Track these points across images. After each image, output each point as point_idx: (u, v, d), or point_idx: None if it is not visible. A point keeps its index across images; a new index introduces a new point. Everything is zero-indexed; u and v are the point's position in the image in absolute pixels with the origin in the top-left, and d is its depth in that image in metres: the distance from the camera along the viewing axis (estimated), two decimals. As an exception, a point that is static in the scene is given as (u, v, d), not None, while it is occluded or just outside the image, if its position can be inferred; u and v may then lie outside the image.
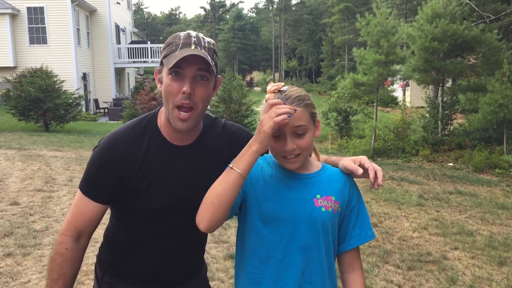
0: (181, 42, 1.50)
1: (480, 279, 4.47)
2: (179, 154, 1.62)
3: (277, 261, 1.50)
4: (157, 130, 1.62)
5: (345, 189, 1.55)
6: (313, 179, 1.54)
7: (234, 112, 15.16)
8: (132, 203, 1.61)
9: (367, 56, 13.79)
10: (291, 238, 1.49)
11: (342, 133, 17.06)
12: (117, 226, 1.73)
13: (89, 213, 1.60)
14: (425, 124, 14.64)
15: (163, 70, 1.54)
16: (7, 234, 5.01)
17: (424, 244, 5.45)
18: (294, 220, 1.48)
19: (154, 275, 1.71)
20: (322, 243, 1.51)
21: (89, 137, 14.79)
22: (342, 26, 48.15)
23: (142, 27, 68.75)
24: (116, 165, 1.56)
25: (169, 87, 1.50)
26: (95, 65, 26.17)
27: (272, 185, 1.52)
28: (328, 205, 1.51)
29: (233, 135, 1.73)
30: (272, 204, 1.49)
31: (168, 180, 1.60)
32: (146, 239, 1.67)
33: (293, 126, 1.43)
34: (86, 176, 1.61)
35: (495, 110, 11.14)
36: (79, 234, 1.61)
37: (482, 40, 12.64)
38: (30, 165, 8.95)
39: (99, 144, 1.62)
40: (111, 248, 1.75)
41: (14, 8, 21.86)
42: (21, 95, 15.40)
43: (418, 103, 22.55)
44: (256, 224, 1.51)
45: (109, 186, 1.58)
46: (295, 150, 1.46)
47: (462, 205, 7.39)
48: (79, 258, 1.63)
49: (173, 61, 1.45)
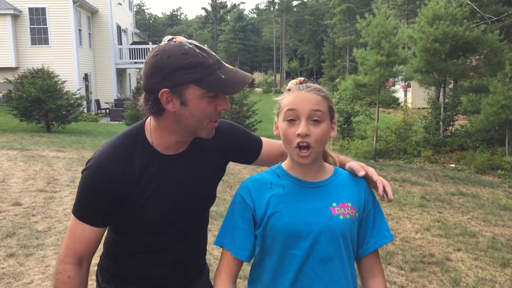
0: (214, 62, 1.44)
1: (484, 281, 4.45)
2: (173, 163, 1.58)
3: (300, 275, 1.46)
4: (146, 143, 1.55)
5: (360, 193, 1.52)
6: (327, 186, 1.51)
7: (235, 113, 15.16)
8: (131, 220, 1.57)
9: (368, 57, 13.79)
10: (312, 251, 1.45)
11: (344, 134, 17.05)
12: (116, 240, 1.68)
13: (87, 238, 1.54)
14: (427, 125, 14.64)
15: (188, 92, 1.43)
16: (9, 234, 5.01)
17: (426, 245, 5.44)
18: (312, 232, 1.44)
19: (158, 283, 1.69)
20: (344, 252, 1.47)
21: (91, 137, 14.80)
22: (344, 27, 48.20)
23: (144, 28, 68.89)
24: (109, 187, 1.50)
25: (206, 109, 1.47)
26: (97, 66, 26.19)
27: (285, 199, 1.49)
28: (345, 212, 1.47)
29: (219, 128, 1.68)
30: (288, 219, 1.46)
31: (166, 192, 1.56)
32: (147, 251, 1.64)
33: (311, 110, 1.42)
34: (79, 201, 1.54)
35: (497, 111, 11.14)
36: (80, 260, 1.54)
37: (484, 41, 12.64)
38: (32, 165, 8.95)
39: (88, 167, 1.55)
40: (113, 259, 1.71)
41: (16, 8, 21.89)
42: (22, 96, 15.40)
43: (420, 104, 22.53)
44: (275, 242, 1.48)
45: (104, 209, 1.53)
46: (308, 138, 1.41)
47: (464, 206, 7.38)
48: (84, 284, 1.57)
49: (226, 85, 1.44)
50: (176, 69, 1.40)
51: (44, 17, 22.48)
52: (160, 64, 1.41)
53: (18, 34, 22.27)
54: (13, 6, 21.76)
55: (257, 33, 68.16)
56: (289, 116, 1.43)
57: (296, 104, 1.42)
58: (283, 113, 1.45)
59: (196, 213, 1.60)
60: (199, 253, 1.75)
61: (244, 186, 1.54)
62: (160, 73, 1.41)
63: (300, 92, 1.44)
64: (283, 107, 1.46)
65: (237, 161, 1.82)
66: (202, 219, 1.74)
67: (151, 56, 1.45)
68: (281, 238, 1.46)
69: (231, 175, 8.76)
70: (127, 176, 1.51)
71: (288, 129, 1.44)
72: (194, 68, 1.40)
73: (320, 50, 57.69)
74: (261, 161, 1.82)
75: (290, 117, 1.43)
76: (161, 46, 1.45)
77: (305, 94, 1.43)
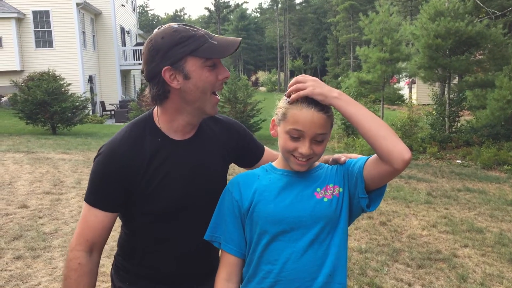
0: (204, 33, 1.53)
1: (491, 277, 4.43)
2: (182, 149, 1.62)
3: (287, 261, 1.48)
4: (156, 129, 1.61)
5: (338, 171, 1.55)
6: (312, 175, 1.55)
7: (240, 112, 15.18)
8: (142, 206, 1.60)
9: (371, 55, 13.76)
10: (299, 236, 1.48)
11: (348, 132, 16.99)
12: (130, 232, 1.71)
13: (100, 224, 1.57)
14: (432, 122, 14.58)
15: (188, 65, 1.51)
16: (16, 237, 5.04)
17: (433, 242, 5.42)
18: (299, 217, 1.48)
19: (171, 276, 1.70)
20: (332, 233, 1.50)
21: (96, 139, 14.84)
22: (347, 25, 48.06)
23: (147, 29, 68.92)
24: (121, 172, 1.54)
25: (208, 78, 1.53)
26: (101, 68, 26.28)
27: (270, 187, 1.53)
28: (329, 194, 1.51)
29: (226, 123, 1.80)
30: (273, 206, 1.49)
31: (176, 177, 1.60)
32: (161, 241, 1.66)
33: (316, 133, 1.44)
34: (91, 187, 1.58)
35: (504, 106, 11.08)
36: (91, 247, 1.57)
37: (487, 36, 12.55)
38: (38, 168, 8.99)
39: (100, 153, 1.59)
40: (128, 256, 1.73)
41: (20, 12, 21.98)
42: (28, 99, 15.49)
43: (425, 100, 22.46)
44: (264, 229, 1.51)
45: (116, 194, 1.56)
46: (310, 155, 1.47)
47: (471, 202, 7.35)
48: (95, 272, 1.60)
49: (219, 49, 1.50)
50: (171, 46, 1.49)
51: (48, 20, 22.58)
52: (156, 47, 1.51)
53: (23, 38, 22.38)
54: (17, 10, 21.86)
55: (261, 32, 68.09)
56: (294, 134, 1.45)
57: (303, 126, 1.44)
58: (287, 128, 1.46)
59: (206, 200, 1.62)
60: (210, 246, 1.77)
61: (233, 181, 1.60)
62: (158, 54, 1.50)
63: (308, 111, 1.43)
64: (288, 120, 1.46)
65: (240, 161, 1.86)
66: (212, 210, 1.75)
67: (146, 44, 1.55)
68: (267, 224, 1.49)
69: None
70: (138, 161, 1.56)
71: (290, 143, 1.47)
72: (187, 41, 1.49)
73: (324, 48, 57.59)
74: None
75: (295, 135, 1.46)
76: (152, 34, 1.56)
77: (313, 115, 1.43)
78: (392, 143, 1.36)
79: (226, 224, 1.57)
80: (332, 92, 1.43)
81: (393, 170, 1.39)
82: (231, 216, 1.56)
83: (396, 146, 1.36)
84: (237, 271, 1.58)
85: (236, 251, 1.56)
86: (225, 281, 1.56)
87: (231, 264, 1.57)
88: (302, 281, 1.48)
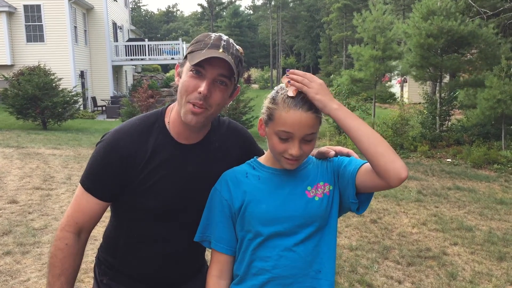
0: (210, 42, 1.48)
1: (480, 275, 4.47)
2: (185, 153, 1.61)
3: (280, 259, 1.49)
4: (164, 128, 1.60)
5: (328, 168, 1.55)
6: (301, 172, 1.54)
7: (232, 109, 15.14)
8: (134, 201, 1.59)
9: (363, 53, 13.79)
10: (291, 235, 1.49)
11: (340, 130, 17.02)
12: (117, 226, 1.70)
13: (90, 210, 1.58)
14: (423, 120, 14.64)
15: (185, 65, 1.52)
16: (6, 232, 5.00)
17: (423, 239, 5.46)
18: (290, 217, 1.48)
19: (155, 277, 1.70)
20: (323, 231, 1.52)
21: (87, 135, 14.76)
22: (340, 23, 48.16)
23: (140, 25, 68.56)
24: (120, 163, 1.53)
25: (186, 83, 1.48)
26: (93, 63, 26.10)
27: (261, 187, 1.52)
28: (320, 192, 1.51)
29: (238, 136, 1.75)
30: (265, 206, 1.49)
31: (173, 180, 1.59)
32: (147, 240, 1.65)
33: (305, 134, 1.43)
34: (89, 172, 1.58)
35: (494, 106, 11.15)
36: (79, 230, 1.59)
37: (479, 35, 12.62)
38: (28, 163, 8.93)
39: (104, 139, 1.59)
40: (111, 249, 1.73)
41: (11, 6, 21.77)
42: (18, 94, 15.36)
43: (416, 99, 22.56)
44: (257, 229, 1.50)
45: (112, 184, 1.56)
46: (301, 155, 1.47)
47: (461, 201, 7.40)
48: (81, 254, 1.62)
49: (197, 58, 1.43)
50: (189, 44, 1.55)
51: (40, 14, 22.38)
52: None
53: (13, 32, 22.17)
54: (8, 3, 21.65)
55: (253, 29, 68.02)
56: (283, 135, 1.44)
57: (291, 127, 1.42)
58: (276, 130, 1.45)
59: (201, 206, 1.61)
60: (199, 249, 1.76)
61: (222, 180, 1.58)
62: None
63: (296, 112, 1.41)
64: (276, 121, 1.44)
65: None
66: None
67: None
68: (259, 225, 1.49)
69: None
70: (139, 155, 1.55)
71: (280, 145, 1.46)
72: (194, 44, 1.51)
73: (317, 46, 57.65)
74: None
75: (284, 137, 1.44)
76: None
77: (302, 116, 1.41)
78: (390, 160, 1.36)
79: (216, 223, 1.56)
80: (332, 103, 1.41)
81: (388, 186, 1.39)
82: (220, 215, 1.55)
83: (393, 164, 1.36)
84: (228, 268, 1.58)
85: (227, 249, 1.56)
86: (216, 278, 1.57)
87: (222, 262, 1.57)
88: (294, 278, 1.49)
